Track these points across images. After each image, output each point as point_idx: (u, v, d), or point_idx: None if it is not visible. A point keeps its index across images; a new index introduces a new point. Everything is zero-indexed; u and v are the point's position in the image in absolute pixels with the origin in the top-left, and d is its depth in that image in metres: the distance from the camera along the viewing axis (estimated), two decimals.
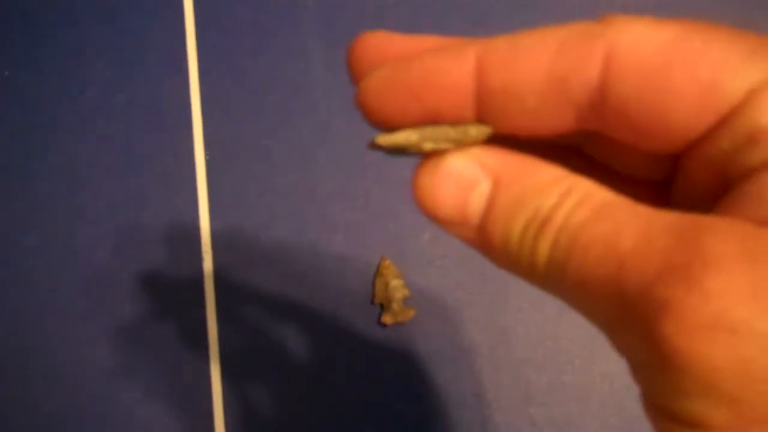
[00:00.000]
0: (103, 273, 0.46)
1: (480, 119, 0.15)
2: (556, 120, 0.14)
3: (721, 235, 0.11)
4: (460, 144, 0.15)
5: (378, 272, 0.45)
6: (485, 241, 0.15)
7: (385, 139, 0.15)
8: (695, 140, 0.13)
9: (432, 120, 0.15)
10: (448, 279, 0.45)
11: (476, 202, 0.15)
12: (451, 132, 0.15)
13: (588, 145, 0.17)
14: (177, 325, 0.45)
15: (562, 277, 0.13)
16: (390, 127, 0.15)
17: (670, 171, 0.15)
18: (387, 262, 0.45)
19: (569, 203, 0.13)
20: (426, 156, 0.15)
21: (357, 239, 0.46)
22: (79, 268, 0.46)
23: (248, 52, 0.49)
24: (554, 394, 0.43)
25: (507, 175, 0.14)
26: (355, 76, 0.16)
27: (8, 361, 0.45)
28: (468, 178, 0.15)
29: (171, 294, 0.46)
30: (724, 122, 0.13)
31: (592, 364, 0.43)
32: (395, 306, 0.44)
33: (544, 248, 0.13)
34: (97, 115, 0.49)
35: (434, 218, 0.15)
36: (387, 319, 0.44)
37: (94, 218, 0.47)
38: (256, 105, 0.48)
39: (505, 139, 0.15)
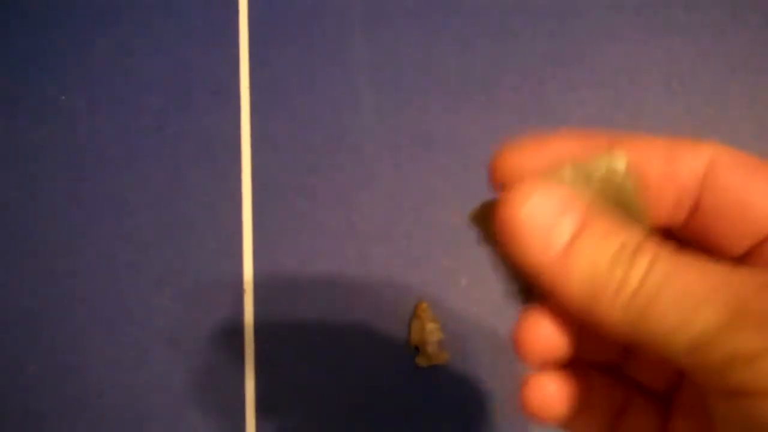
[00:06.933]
0: (144, 300, 0.47)
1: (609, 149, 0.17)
2: (665, 202, 0.17)
3: None
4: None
5: (415, 314, 0.46)
6: (565, 266, 0.15)
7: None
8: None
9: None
10: (483, 325, 0.46)
11: (566, 225, 0.16)
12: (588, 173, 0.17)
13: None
14: (214, 356, 0.46)
15: (656, 298, 0.14)
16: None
17: None
18: (424, 305, 0.46)
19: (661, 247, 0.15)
20: None
21: (395, 280, 0.47)
22: (120, 295, 0.47)
23: (299, 91, 0.50)
24: None
25: (596, 214, 0.16)
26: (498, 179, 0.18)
27: (48, 383, 0.46)
28: (566, 201, 0.16)
29: (209, 325, 0.46)
30: None
31: None
32: (430, 349, 0.45)
33: (640, 267, 0.15)
34: (147, 142, 0.49)
35: (519, 227, 0.16)
36: (422, 361, 0.45)
37: (138, 245, 0.48)
38: (304, 143, 0.49)
39: None
